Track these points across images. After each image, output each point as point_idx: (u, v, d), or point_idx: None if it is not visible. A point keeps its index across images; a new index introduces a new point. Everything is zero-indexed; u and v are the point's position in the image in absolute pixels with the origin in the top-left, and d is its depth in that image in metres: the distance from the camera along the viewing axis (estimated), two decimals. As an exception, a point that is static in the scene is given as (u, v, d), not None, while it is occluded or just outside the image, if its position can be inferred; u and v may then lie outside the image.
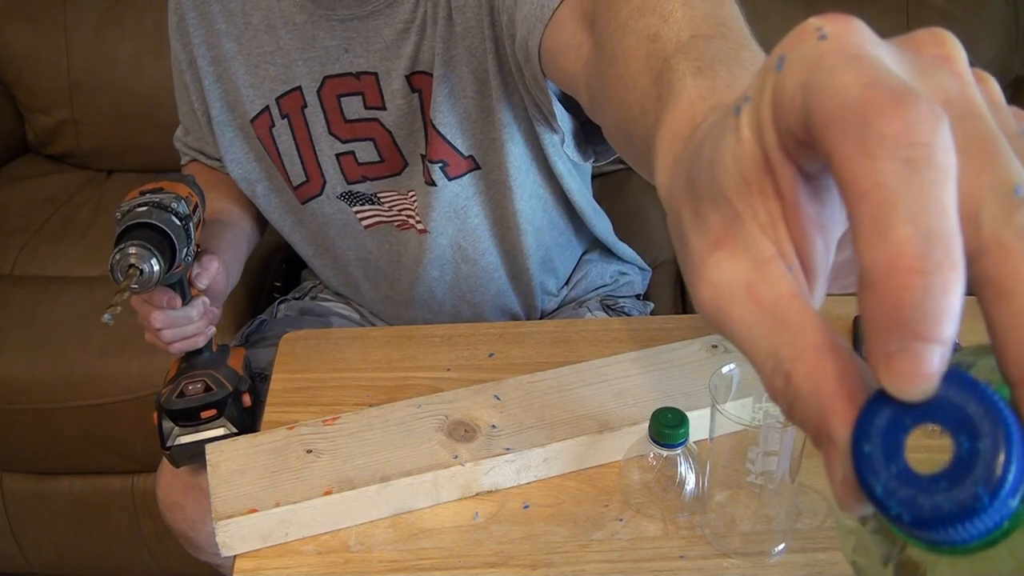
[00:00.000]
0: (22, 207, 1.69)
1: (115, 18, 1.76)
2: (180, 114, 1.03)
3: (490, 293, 1.02)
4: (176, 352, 0.85)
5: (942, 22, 1.80)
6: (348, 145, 0.92)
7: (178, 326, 0.82)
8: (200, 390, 0.84)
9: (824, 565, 0.64)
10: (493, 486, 0.70)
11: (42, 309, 1.41)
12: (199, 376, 0.84)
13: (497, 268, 1.00)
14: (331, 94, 0.90)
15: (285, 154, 0.94)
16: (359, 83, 0.88)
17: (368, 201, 0.96)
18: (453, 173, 0.91)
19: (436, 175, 0.90)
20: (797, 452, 0.62)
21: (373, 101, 0.89)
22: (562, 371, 0.78)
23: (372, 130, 0.91)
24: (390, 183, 0.94)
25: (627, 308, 1.10)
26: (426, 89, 0.87)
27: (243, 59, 0.91)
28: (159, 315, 0.80)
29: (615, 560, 0.65)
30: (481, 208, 0.95)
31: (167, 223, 0.74)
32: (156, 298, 0.79)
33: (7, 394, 1.35)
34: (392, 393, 0.79)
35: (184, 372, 0.86)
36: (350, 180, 0.94)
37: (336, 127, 0.91)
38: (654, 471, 0.68)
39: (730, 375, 0.65)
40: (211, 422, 0.83)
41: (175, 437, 0.83)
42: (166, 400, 0.83)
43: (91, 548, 1.53)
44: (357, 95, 0.89)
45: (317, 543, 0.66)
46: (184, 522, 0.94)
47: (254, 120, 0.93)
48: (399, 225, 0.97)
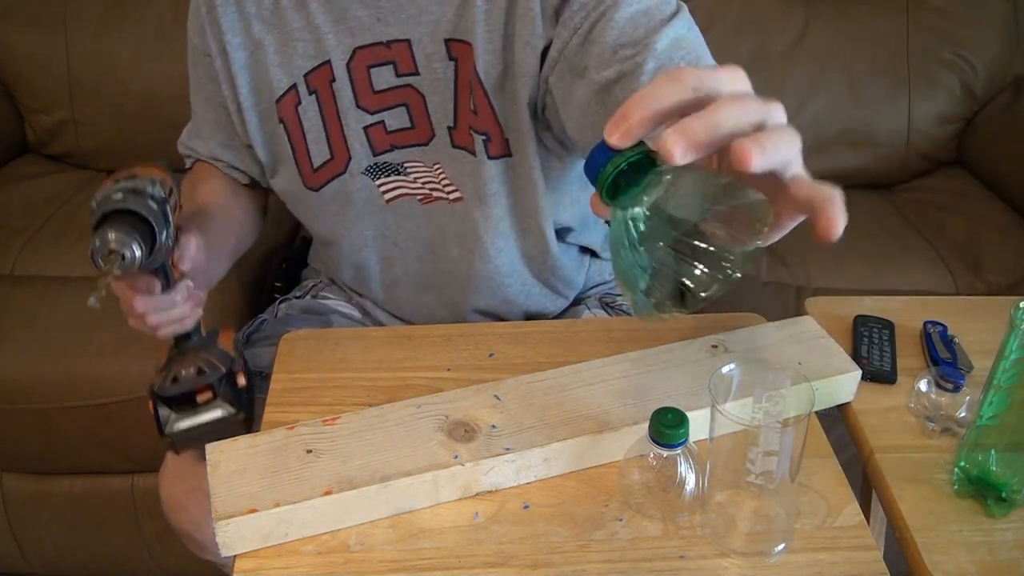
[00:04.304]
0: (22, 207, 1.69)
1: (115, 18, 1.76)
2: (195, 115, 1.02)
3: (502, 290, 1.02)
4: (164, 336, 0.83)
5: (942, 22, 1.80)
6: (377, 116, 0.92)
7: (163, 310, 0.80)
8: (193, 374, 0.82)
9: (824, 565, 0.64)
10: (493, 486, 0.70)
11: (42, 309, 1.41)
12: (190, 360, 0.83)
13: (514, 263, 1.00)
14: (360, 66, 0.89)
15: (310, 132, 0.93)
16: (390, 51, 0.88)
17: (394, 172, 0.95)
18: (493, 152, 0.91)
19: (478, 147, 0.90)
20: (797, 452, 0.62)
21: (406, 67, 0.89)
22: (562, 371, 0.78)
23: (405, 95, 0.90)
24: (418, 152, 0.93)
25: (626, 306, 1.10)
26: (463, 58, 0.87)
27: (273, 38, 0.91)
28: (141, 300, 0.78)
29: (615, 560, 0.65)
30: (507, 199, 0.94)
31: (145, 208, 0.72)
32: (137, 283, 0.78)
33: (7, 394, 1.35)
34: (392, 393, 0.79)
35: (174, 358, 0.84)
36: (377, 151, 0.94)
37: (364, 99, 0.91)
38: (654, 471, 0.68)
39: (730, 375, 0.65)
40: (208, 404, 0.82)
41: (172, 423, 0.82)
42: (160, 387, 0.82)
43: (91, 548, 1.53)
44: (388, 64, 0.89)
45: (317, 543, 0.66)
46: (189, 523, 0.94)
47: (280, 100, 0.93)
48: (422, 199, 0.96)
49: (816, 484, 0.71)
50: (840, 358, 0.80)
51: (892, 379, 0.83)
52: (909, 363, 0.85)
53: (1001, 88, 1.83)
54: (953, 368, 0.82)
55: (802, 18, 1.79)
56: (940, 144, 1.85)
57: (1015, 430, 0.69)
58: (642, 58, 0.75)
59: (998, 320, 0.68)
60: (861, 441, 0.78)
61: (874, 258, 1.61)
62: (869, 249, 1.63)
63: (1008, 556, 0.66)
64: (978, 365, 0.84)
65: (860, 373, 0.80)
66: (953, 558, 0.66)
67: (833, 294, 1.23)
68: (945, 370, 0.81)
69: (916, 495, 0.71)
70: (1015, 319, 0.65)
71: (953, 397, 0.79)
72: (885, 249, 1.63)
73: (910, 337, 0.89)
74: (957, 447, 0.73)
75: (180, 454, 0.88)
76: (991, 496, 0.70)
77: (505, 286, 1.01)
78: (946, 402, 0.79)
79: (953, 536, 0.68)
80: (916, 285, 1.54)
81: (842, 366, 0.79)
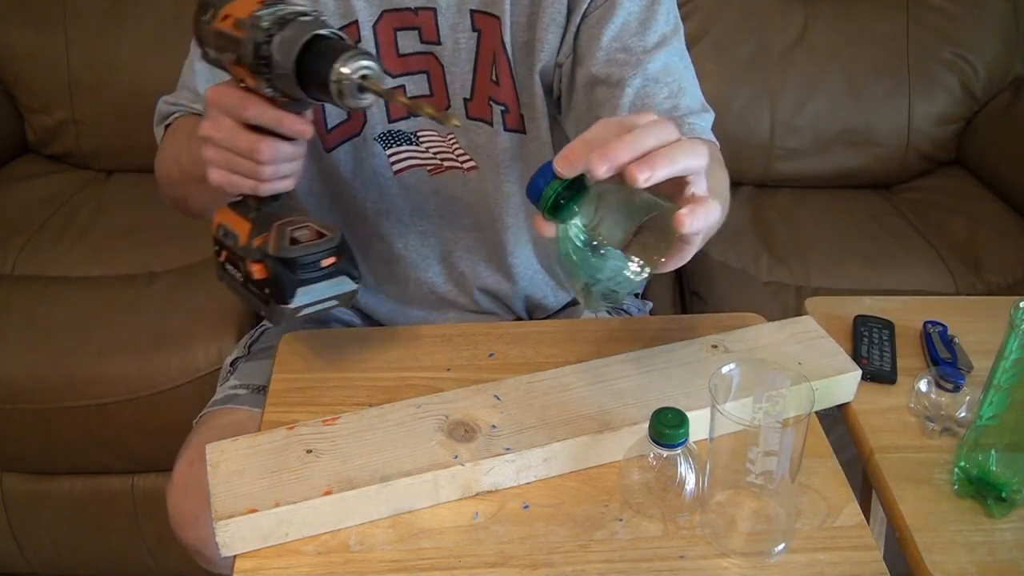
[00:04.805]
0: (22, 207, 1.69)
1: (115, 18, 1.76)
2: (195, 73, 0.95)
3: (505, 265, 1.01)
4: (267, 191, 0.72)
5: (942, 22, 1.80)
6: (398, 79, 0.92)
7: (289, 160, 0.71)
8: (313, 235, 0.71)
9: (824, 565, 0.64)
10: (493, 486, 0.70)
11: (42, 309, 1.41)
12: (299, 222, 0.72)
13: (521, 240, 0.99)
14: (387, 28, 0.89)
15: None
16: (417, 18, 0.88)
17: (407, 141, 0.95)
18: (509, 124, 0.91)
19: (496, 117, 0.91)
20: (797, 452, 0.62)
21: (429, 36, 0.89)
22: (562, 371, 0.78)
23: (426, 63, 0.90)
24: (432, 121, 0.94)
25: (627, 307, 1.10)
26: (487, 30, 0.87)
27: None
28: (273, 145, 0.69)
29: (615, 560, 0.65)
30: (518, 174, 0.94)
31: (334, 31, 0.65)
32: (288, 123, 0.69)
33: (7, 394, 1.35)
34: (392, 393, 0.79)
35: (269, 219, 0.72)
36: (393, 118, 0.94)
37: (388, 61, 0.91)
38: (654, 471, 0.68)
39: (730, 375, 0.65)
40: (332, 272, 0.72)
41: (294, 290, 0.70)
42: (277, 248, 0.70)
43: (91, 548, 1.53)
44: (413, 29, 0.89)
45: (317, 543, 0.66)
46: (197, 540, 0.93)
47: None
48: (432, 169, 0.96)
49: (816, 484, 0.71)
50: (840, 358, 0.80)
51: (892, 379, 0.83)
52: (909, 363, 0.85)
53: (1001, 88, 1.83)
54: (953, 368, 0.82)
55: (802, 18, 1.79)
56: (940, 144, 1.85)
57: (1015, 430, 0.69)
58: (632, 73, 0.84)
59: (998, 320, 0.68)
60: (861, 441, 0.78)
61: (874, 258, 1.61)
62: (869, 249, 1.63)
63: (1008, 556, 0.66)
64: (978, 365, 0.84)
65: (860, 373, 0.80)
66: (953, 558, 0.66)
67: (833, 294, 1.23)
68: (945, 370, 0.81)
69: (916, 495, 0.71)
70: (1015, 319, 0.65)
71: (953, 397, 0.79)
72: (885, 249, 1.63)
73: (910, 337, 0.89)
74: (957, 447, 0.73)
75: (280, 327, 0.75)
76: (991, 496, 0.70)
77: (511, 264, 1.01)
78: (946, 402, 0.79)
79: (953, 536, 0.68)
80: (916, 285, 1.54)
81: (842, 366, 0.79)
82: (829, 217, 1.73)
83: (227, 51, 0.70)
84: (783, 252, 1.62)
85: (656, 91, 0.85)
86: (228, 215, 0.76)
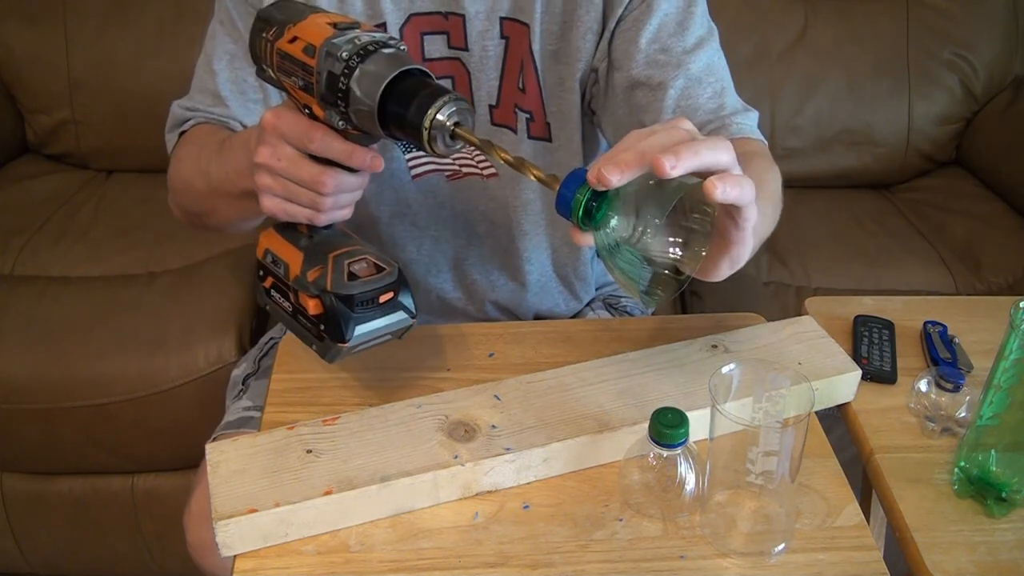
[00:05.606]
0: (22, 207, 1.69)
1: (115, 18, 1.76)
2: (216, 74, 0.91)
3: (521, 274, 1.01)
4: (325, 222, 0.70)
5: (942, 22, 1.80)
6: None
7: (350, 191, 0.69)
8: (371, 269, 0.69)
9: (824, 565, 0.64)
10: (493, 486, 0.70)
11: (42, 309, 1.41)
12: (357, 254, 0.69)
13: (538, 250, 0.99)
14: (415, 31, 0.88)
15: None
16: (446, 23, 0.88)
17: None
18: (533, 132, 0.91)
19: (520, 124, 0.90)
20: (797, 452, 0.62)
21: (457, 41, 0.88)
22: (562, 371, 0.78)
23: (453, 68, 0.90)
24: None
25: (629, 308, 1.10)
26: (516, 38, 0.87)
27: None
28: (337, 177, 0.67)
29: (615, 560, 0.65)
30: (539, 185, 0.93)
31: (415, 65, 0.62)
32: (359, 157, 0.66)
33: (7, 394, 1.35)
34: (392, 393, 0.79)
35: (323, 249, 0.70)
36: None
37: None
38: (654, 471, 0.68)
39: (730, 375, 0.65)
40: (388, 307, 0.70)
41: (353, 327, 0.68)
42: (335, 284, 0.67)
43: (91, 548, 1.53)
44: (442, 34, 0.88)
45: (317, 543, 0.66)
46: (217, 568, 0.93)
47: None
48: (451, 175, 0.95)
49: (816, 484, 0.71)
50: (840, 358, 0.80)
51: (892, 379, 0.83)
52: (909, 363, 0.85)
53: (1001, 88, 1.83)
54: (953, 368, 0.82)
55: (802, 17, 1.79)
56: (940, 144, 1.86)
57: (1015, 430, 0.69)
58: (673, 74, 0.83)
59: (998, 320, 0.68)
60: (861, 441, 0.78)
61: (874, 258, 1.61)
62: (869, 249, 1.63)
63: (1008, 556, 0.66)
64: (978, 365, 0.84)
65: (860, 373, 0.80)
66: (953, 558, 0.66)
67: (833, 294, 1.23)
68: (945, 370, 0.81)
69: (916, 495, 0.71)
70: (1015, 319, 0.65)
71: (953, 397, 0.79)
72: (885, 249, 1.63)
73: (910, 337, 0.89)
74: (957, 447, 0.73)
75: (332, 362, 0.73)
76: (991, 496, 0.70)
77: (525, 272, 1.01)
78: (946, 402, 0.79)
79: (953, 536, 0.68)
80: (916, 285, 1.54)
81: (842, 366, 0.79)
82: (829, 217, 1.73)
83: (294, 76, 0.66)
84: (783, 252, 1.62)
85: (699, 91, 0.84)
86: (276, 241, 0.73)
